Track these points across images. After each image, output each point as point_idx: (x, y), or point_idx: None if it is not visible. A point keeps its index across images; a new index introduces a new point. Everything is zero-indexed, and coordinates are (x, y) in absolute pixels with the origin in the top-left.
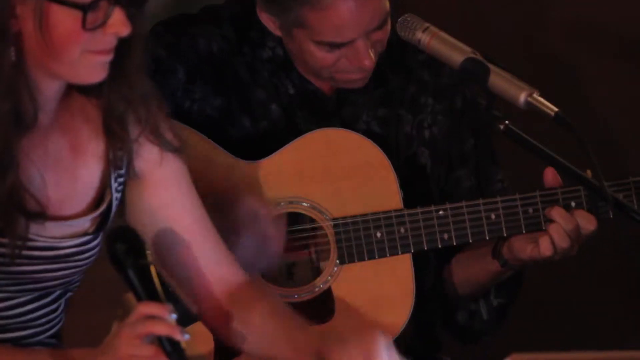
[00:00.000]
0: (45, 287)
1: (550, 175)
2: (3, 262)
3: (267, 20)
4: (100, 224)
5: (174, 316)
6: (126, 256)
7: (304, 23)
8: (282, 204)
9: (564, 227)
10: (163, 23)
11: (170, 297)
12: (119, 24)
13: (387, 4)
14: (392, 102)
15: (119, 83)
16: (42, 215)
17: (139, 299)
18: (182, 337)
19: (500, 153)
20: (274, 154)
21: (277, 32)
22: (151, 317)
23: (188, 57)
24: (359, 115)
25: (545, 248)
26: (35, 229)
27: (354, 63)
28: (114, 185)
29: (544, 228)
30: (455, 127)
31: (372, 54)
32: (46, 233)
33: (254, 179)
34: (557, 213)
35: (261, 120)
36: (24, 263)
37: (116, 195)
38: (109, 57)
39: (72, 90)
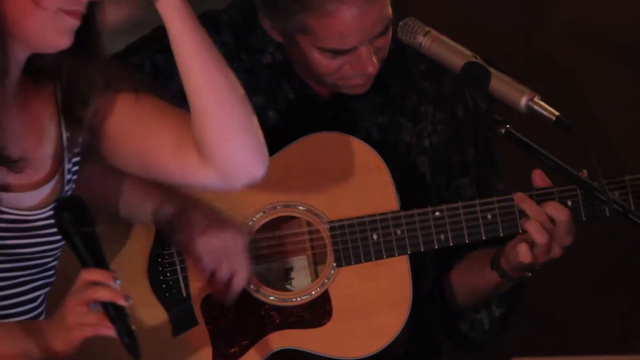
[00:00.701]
0: (21, 267)
1: (538, 177)
2: None
3: (270, 27)
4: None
5: (118, 282)
6: (72, 224)
7: (307, 30)
8: (277, 207)
9: (537, 219)
10: (162, 28)
11: (173, 300)
12: None
13: (390, 11)
14: (392, 109)
15: (81, 61)
16: (13, 164)
17: (84, 265)
18: (126, 302)
19: (500, 157)
20: (270, 158)
21: (279, 39)
22: (95, 284)
23: None
24: (358, 121)
25: (522, 249)
26: (4, 201)
27: (358, 69)
28: (68, 166)
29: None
30: (456, 137)
31: (375, 60)
32: (14, 205)
33: None
34: (527, 205)
35: None
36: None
37: (69, 177)
38: (77, 22)
39: (28, 76)
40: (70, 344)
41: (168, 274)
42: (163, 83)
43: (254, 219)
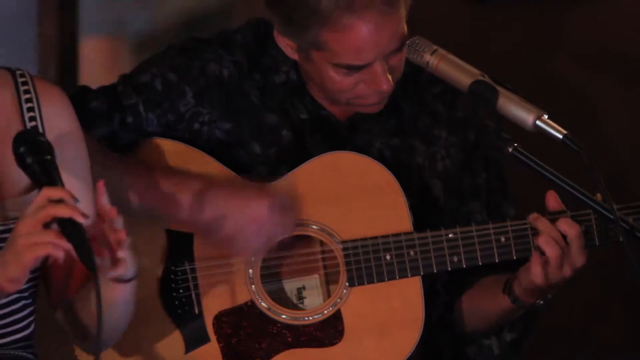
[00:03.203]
0: None
1: (552, 199)
2: None
3: (285, 44)
4: None
5: (77, 201)
6: (28, 153)
7: (323, 45)
8: None
9: (549, 234)
10: (176, 47)
11: (185, 317)
12: None
13: (405, 28)
14: (405, 132)
15: None
16: None
17: (41, 185)
18: (84, 219)
19: (509, 179)
20: (283, 177)
21: (294, 56)
22: (53, 202)
23: (197, 81)
24: (371, 142)
25: (534, 263)
26: None
27: (372, 87)
28: None
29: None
30: (468, 161)
31: (390, 78)
32: None
33: None
34: (540, 222)
35: (271, 147)
36: None
37: None
38: None
39: None
40: (24, 267)
41: (181, 291)
42: (173, 101)
43: None
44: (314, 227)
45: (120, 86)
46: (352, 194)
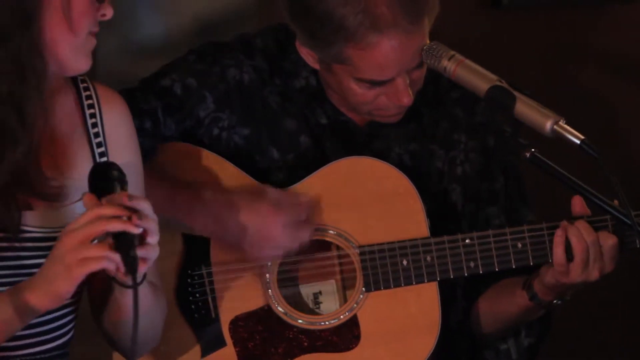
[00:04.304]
0: None
1: (578, 204)
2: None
3: (307, 54)
4: None
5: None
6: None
7: (346, 60)
8: None
9: (584, 236)
10: (195, 52)
11: (202, 321)
12: (108, 5)
13: (428, 42)
14: (424, 136)
15: None
16: (38, 195)
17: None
18: (137, 230)
19: (527, 184)
20: (301, 182)
21: (316, 66)
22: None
23: (217, 86)
24: (390, 148)
25: (557, 253)
26: (29, 219)
27: (393, 100)
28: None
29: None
30: (487, 166)
31: (410, 93)
32: (40, 223)
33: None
34: (580, 223)
35: (289, 152)
36: (22, 256)
37: None
38: (95, 42)
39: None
40: (74, 281)
41: (197, 295)
42: (193, 106)
43: None
44: (331, 232)
45: (138, 91)
46: (369, 199)
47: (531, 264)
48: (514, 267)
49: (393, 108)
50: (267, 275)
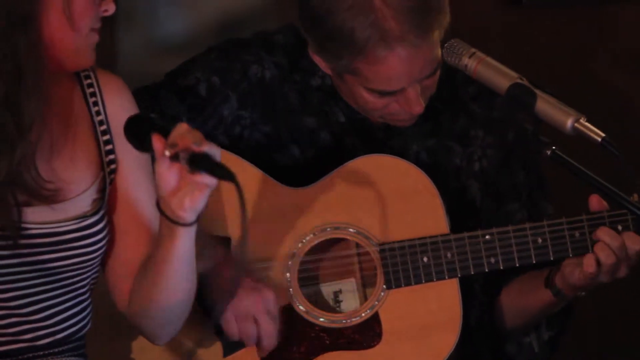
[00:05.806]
0: (61, 279)
1: (595, 202)
2: (6, 255)
3: (319, 61)
4: (99, 206)
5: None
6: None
7: (356, 72)
8: (328, 229)
9: (609, 244)
10: (216, 48)
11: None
12: (110, 1)
13: (439, 53)
14: (441, 133)
15: None
16: (38, 197)
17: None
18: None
19: (547, 180)
20: (320, 180)
21: (328, 72)
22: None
23: (240, 84)
24: (408, 145)
25: (588, 264)
26: (30, 216)
27: (405, 108)
28: (106, 160)
29: (591, 251)
30: (506, 161)
31: (422, 101)
32: (41, 219)
33: (300, 205)
34: (603, 232)
35: (309, 149)
36: (29, 253)
37: (107, 170)
38: (97, 38)
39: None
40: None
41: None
42: (217, 106)
43: (304, 240)
44: (351, 230)
45: (163, 90)
46: (388, 197)
47: (552, 259)
48: (534, 262)
49: (405, 114)
50: (288, 274)
